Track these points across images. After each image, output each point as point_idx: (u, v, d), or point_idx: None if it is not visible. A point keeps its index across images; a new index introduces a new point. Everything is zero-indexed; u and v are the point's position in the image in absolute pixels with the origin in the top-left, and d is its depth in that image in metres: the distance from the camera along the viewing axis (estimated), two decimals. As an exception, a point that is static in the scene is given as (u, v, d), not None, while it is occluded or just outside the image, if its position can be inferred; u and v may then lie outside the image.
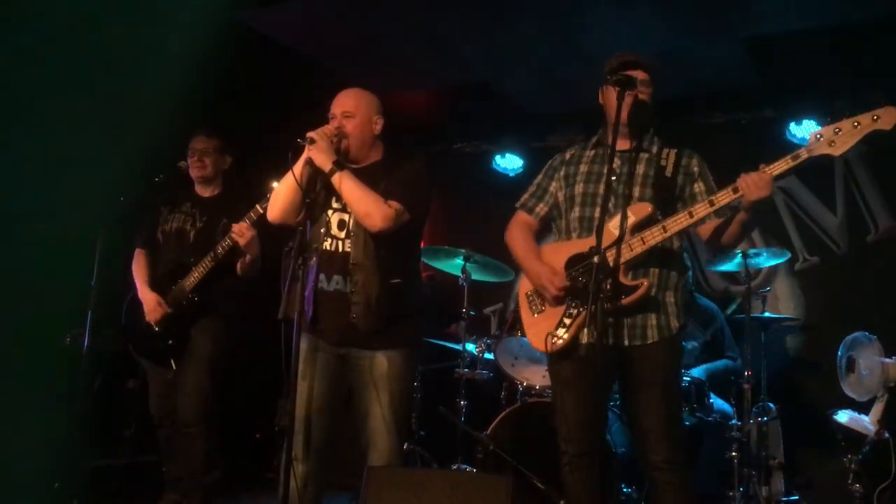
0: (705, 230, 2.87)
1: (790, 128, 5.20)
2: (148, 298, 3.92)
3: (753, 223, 2.75)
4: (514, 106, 6.00)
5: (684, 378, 4.10)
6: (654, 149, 2.95)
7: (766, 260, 4.60)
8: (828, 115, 2.61)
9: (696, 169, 2.94)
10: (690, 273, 3.08)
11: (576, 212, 2.95)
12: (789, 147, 3.61)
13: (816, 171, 5.32)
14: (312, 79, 5.26)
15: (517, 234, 3.12)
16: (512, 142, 6.27)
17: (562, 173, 3.07)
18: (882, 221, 5.22)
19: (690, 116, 5.59)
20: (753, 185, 2.57)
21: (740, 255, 4.42)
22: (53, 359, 4.18)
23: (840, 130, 2.54)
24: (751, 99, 5.54)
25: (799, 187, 5.45)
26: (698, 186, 2.91)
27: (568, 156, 3.10)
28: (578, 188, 2.97)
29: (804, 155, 2.58)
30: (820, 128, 2.58)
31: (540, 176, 3.17)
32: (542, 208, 3.12)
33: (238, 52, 4.83)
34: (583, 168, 3.00)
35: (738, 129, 5.57)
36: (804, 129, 5.11)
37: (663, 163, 2.91)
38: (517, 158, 6.24)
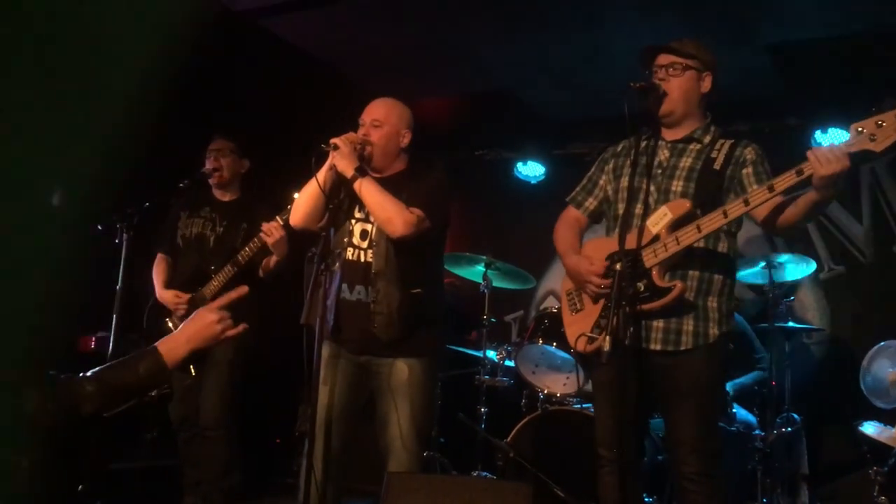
0: (762, 211, 2.61)
1: (815, 136, 5.14)
2: (166, 297, 3.94)
3: (825, 202, 2.47)
4: (535, 113, 6.00)
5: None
6: (707, 139, 2.81)
7: (791, 273, 4.53)
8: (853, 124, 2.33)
9: (749, 157, 2.73)
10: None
11: (620, 207, 2.81)
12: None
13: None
14: (335, 86, 5.30)
15: (561, 230, 3.02)
16: (534, 149, 6.26)
17: (610, 166, 2.96)
18: (909, 230, 5.16)
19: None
20: (824, 158, 2.30)
21: (764, 263, 4.37)
22: (76, 362, 4.22)
23: (883, 123, 2.25)
24: (774, 107, 5.48)
25: (824, 196, 5.39)
26: (746, 171, 2.71)
27: (619, 147, 2.97)
28: (623, 181, 2.83)
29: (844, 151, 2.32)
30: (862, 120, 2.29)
31: (592, 168, 3.05)
32: (591, 202, 3.00)
33: (260, 59, 4.87)
34: (630, 160, 2.80)
35: (762, 138, 5.45)
36: (829, 138, 5.03)
37: (714, 154, 2.75)
38: (539, 166, 6.22)
